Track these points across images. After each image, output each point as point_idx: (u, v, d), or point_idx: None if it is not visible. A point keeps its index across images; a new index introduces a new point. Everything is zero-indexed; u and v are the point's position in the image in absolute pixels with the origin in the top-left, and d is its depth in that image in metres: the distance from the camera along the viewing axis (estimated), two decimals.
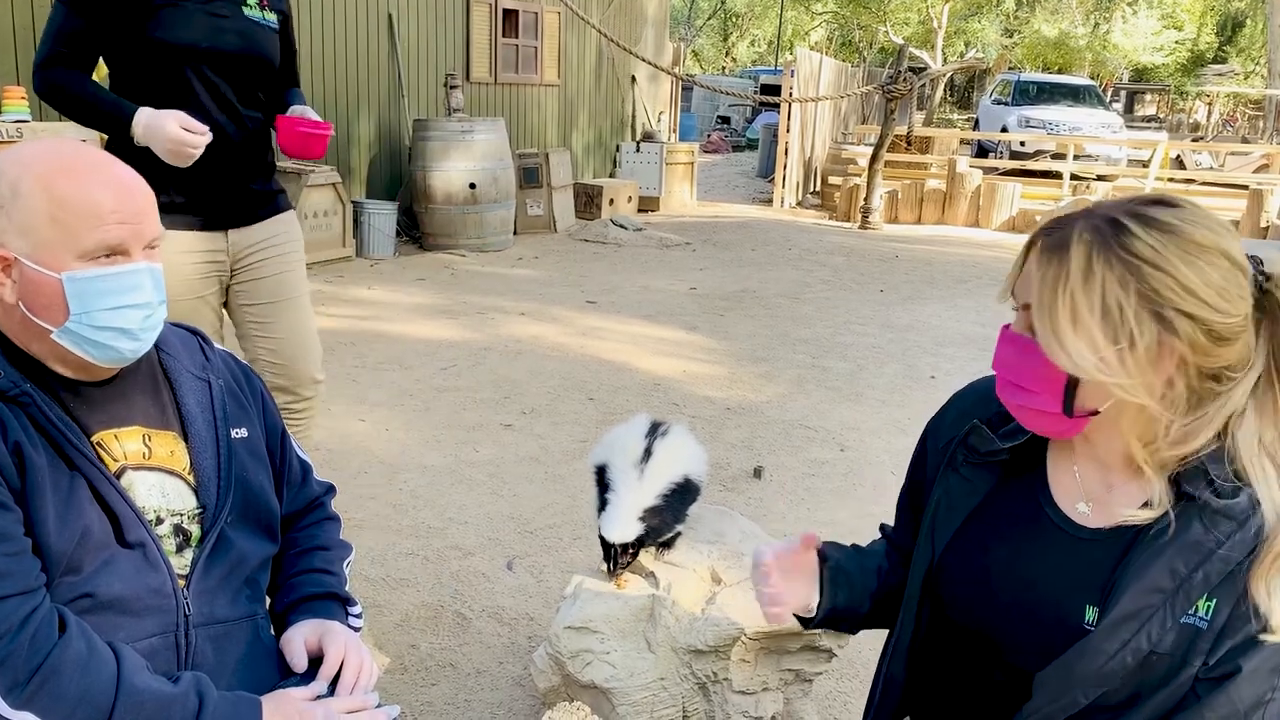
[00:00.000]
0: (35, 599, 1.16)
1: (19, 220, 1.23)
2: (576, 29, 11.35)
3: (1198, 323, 1.09)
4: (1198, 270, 1.09)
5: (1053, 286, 1.11)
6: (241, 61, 2.49)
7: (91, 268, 1.25)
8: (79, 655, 1.16)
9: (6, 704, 1.11)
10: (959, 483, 1.33)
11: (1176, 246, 1.09)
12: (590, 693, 1.99)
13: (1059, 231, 1.14)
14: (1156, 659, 1.12)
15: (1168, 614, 1.12)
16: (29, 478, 1.19)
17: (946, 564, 1.33)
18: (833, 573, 1.44)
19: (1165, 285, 1.08)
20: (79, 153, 1.30)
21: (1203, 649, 1.11)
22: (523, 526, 3.44)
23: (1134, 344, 1.09)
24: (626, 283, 7.74)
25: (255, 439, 1.49)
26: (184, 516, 1.35)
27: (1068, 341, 1.10)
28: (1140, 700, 1.15)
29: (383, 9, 8.85)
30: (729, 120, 25.54)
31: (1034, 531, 1.25)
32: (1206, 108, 31.75)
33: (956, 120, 29.07)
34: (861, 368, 5.56)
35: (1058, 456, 1.27)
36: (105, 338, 1.27)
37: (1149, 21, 27.92)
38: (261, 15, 2.53)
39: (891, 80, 10.68)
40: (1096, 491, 1.22)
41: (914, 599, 1.37)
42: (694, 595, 2.04)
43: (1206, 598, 1.11)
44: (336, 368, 5.16)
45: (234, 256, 2.60)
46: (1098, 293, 1.09)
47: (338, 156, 8.45)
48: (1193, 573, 1.11)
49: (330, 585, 1.53)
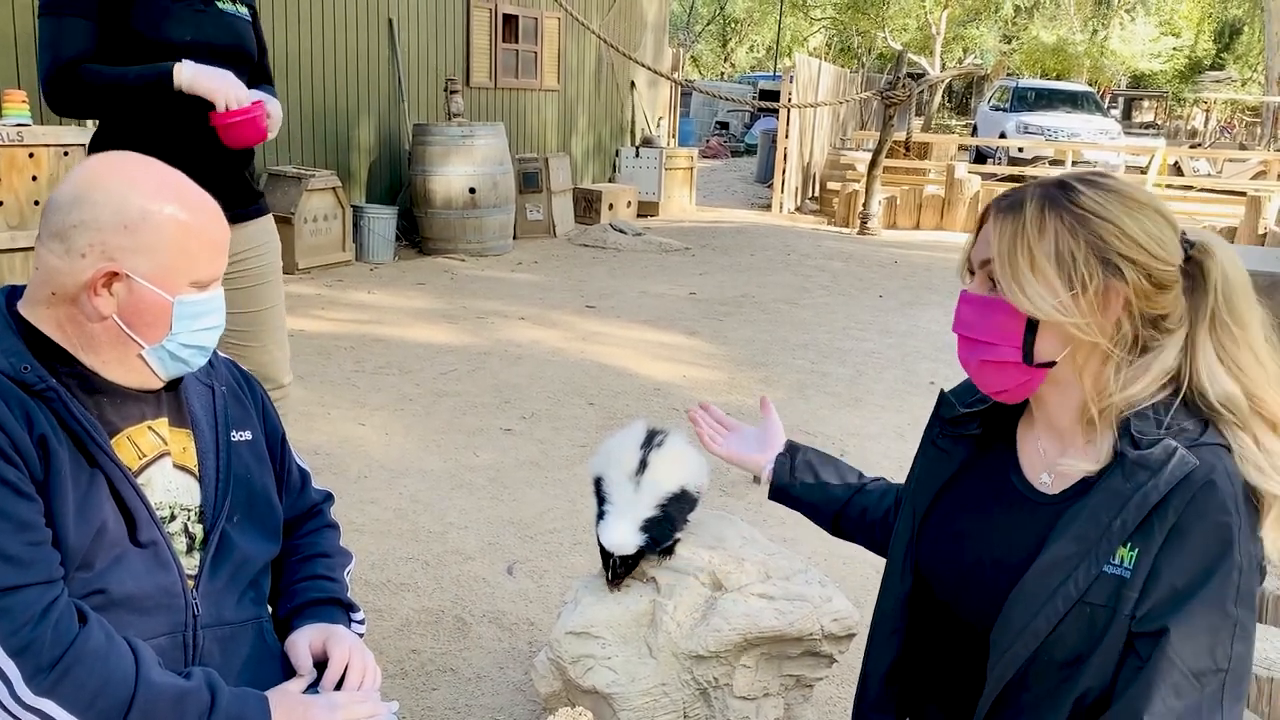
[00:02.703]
0: (56, 589, 1.18)
1: (145, 241, 1.28)
2: (576, 34, 11.36)
3: (1139, 268, 1.21)
4: (1138, 221, 1.21)
5: (1011, 239, 1.23)
6: (225, 54, 2.50)
7: (195, 293, 1.35)
8: (100, 646, 1.18)
9: (30, 690, 1.13)
10: (935, 455, 1.44)
11: (1118, 201, 1.22)
12: (591, 698, 1.99)
13: (1013, 196, 1.27)
14: (1091, 611, 1.19)
15: (1092, 562, 1.19)
16: (52, 470, 1.21)
17: (924, 535, 1.42)
18: (794, 461, 1.69)
19: (1110, 233, 1.21)
20: (189, 182, 1.38)
21: (1130, 598, 1.17)
22: (523, 531, 3.44)
23: (1085, 287, 1.20)
24: (626, 287, 7.75)
25: (258, 442, 1.52)
26: (191, 513, 1.38)
27: (1028, 286, 1.21)
28: (1085, 658, 1.20)
29: (383, 13, 8.86)
30: (728, 126, 25.58)
31: (1001, 502, 1.34)
32: (1204, 114, 31.85)
33: (954, 126, 29.14)
34: (861, 373, 5.57)
35: (1025, 433, 1.36)
36: (187, 355, 1.36)
37: (1147, 28, 28.01)
38: (235, 9, 2.55)
39: (890, 86, 10.71)
40: (1054, 462, 1.30)
41: (895, 570, 1.45)
42: (695, 600, 2.04)
43: (1129, 547, 1.18)
44: (335, 372, 5.16)
45: None
46: (1051, 241, 1.21)
47: (338, 160, 8.46)
48: (1112, 521, 1.19)
49: (333, 591, 1.55)
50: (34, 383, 1.23)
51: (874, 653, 1.49)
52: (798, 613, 2.02)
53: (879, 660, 1.47)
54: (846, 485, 1.68)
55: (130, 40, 2.39)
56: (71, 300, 1.28)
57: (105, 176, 1.30)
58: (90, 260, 1.26)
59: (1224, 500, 1.14)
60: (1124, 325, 1.22)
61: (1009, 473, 1.35)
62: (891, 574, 1.47)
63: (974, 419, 1.40)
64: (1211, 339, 1.23)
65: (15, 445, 1.18)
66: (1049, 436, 1.32)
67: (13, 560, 1.15)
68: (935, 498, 1.42)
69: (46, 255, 1.28)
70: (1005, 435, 1.38)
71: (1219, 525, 1.14)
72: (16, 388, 1.22)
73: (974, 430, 1.40)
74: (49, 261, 1.28)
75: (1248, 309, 1.25)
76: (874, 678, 1.48)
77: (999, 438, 1.39)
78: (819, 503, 1.68)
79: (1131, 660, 1.17)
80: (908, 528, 1.44)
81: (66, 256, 1.27)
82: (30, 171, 4.78)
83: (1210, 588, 1.14)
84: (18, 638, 1.13)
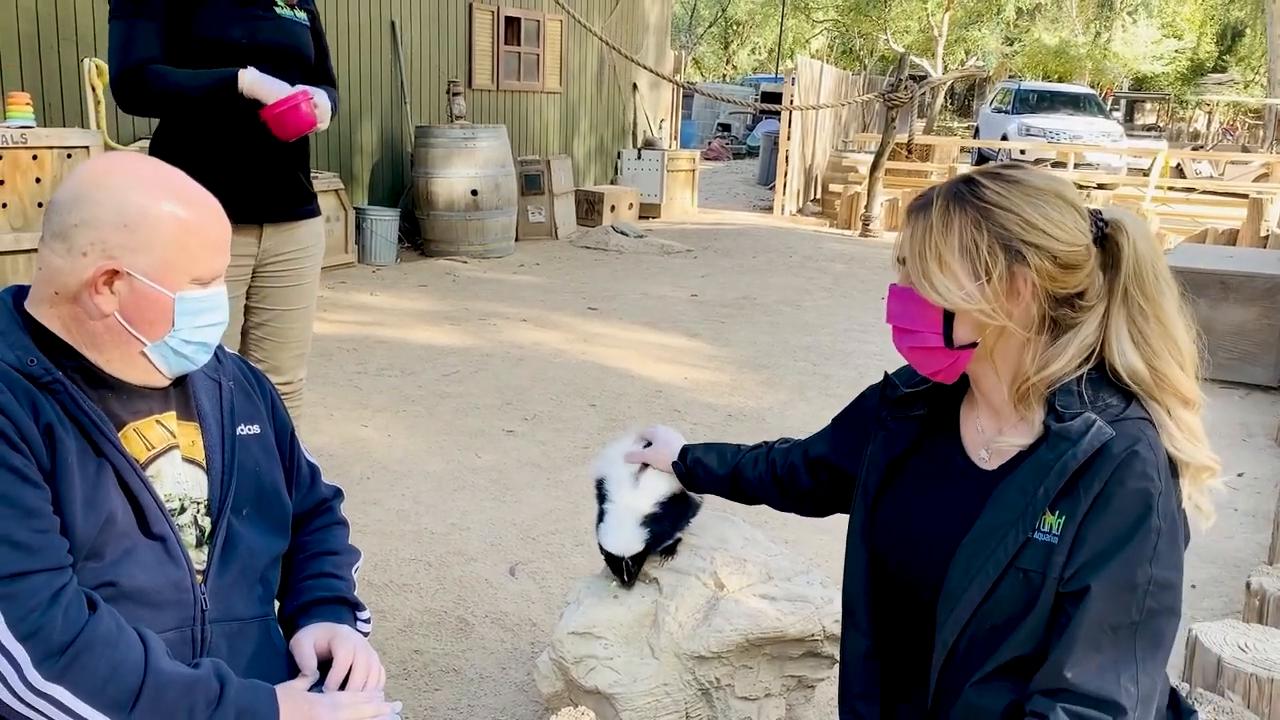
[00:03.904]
0: (64, 576, 1.19)
1: (145, 239, 1.29)
2: (578, 36, 11.38)
3: (1042, 251, 1.28)
4: (1038, 208, 1.29)
5: (921, 237, 1.33)
6: (282, 56, 2.60)
7: (197, 289, 1.35)
8: (110, 633, 1.19)
9: (40, 675, 1.13)
10: (884, 436, 1.52)
11: (1019, 191, 1.30)
12: (593, 698, 1.99)
13: (924, 197, 1.36)
14: (1024, 576, 1.26)
15: (1021, 529, 1.27)
16: (58, 459, 1.22)
17: (875, 513, 1.50)
18: (690, 464, 1.88)
19: (1012, 222, 1.28)
20: (189, 180, 1.38)
21: (1058, 563, 1.25)
22: (525, 532, 3.45)
23: (990, 275, 1.28)
24: (628, 289, 7.75)
25: (267, 436, 1.53)
26: (201, 506, 1.39)
27: (936, 280, 1.31)
28: (1019, 621, 1.27)
29: (385, 16, 8.88)
30: (729, 128, 25.58)
31: (945, 478, 1.43)
32: (1206, 116, 31.82)
33: (956, 128, 29.12)
34: (864, 375, 5.57)
35: (967, 413, 1.45)
36: (189, 351, 1.37)
37: (1149, 30, 27.97)
38: (292, 13, 2.66)
39: (892, 88, 10.71)
40: (992, 439, 1.39)
41: (853, 549, 1.53)
42: (696, 601, 2.05)
43: (1058, 515, 1.25)
44: (338, 373, 5.17)
45: (260, 260, 2.68)
46: (956, 236, 1.30)
47: (340, 163, 8.47)
48: (1036, 489, 1.26)
49: (339, 590, 1.55)
50: (40, 375, 1.24)
51: (849, 637, 1.54)
52: (799, 614, 2.03)
53: (855, 643, 1.52)
54: (724, 463, 1.86)
55: (190, 41, 2.49)
56: (74, 299, 1.29)
57: (105, 176, 1.31)
58: (91, 259, 1.27)
59: (1145, 469, 1.22)
60: (1032, 309, 1.30)
61: (953, 452, 1.43)
62: (851, 554, 1.54)
63: (918, 400, 1.49)
64: (1123, 313, 1.30)
65: (21, 433, 1.19)
66: (987, 415, 1.41)
67: (20, 546, 1.15)
68: (886, 477, 1.50)
69: (49, 255, 1.29)
70: (950, 416, 1.47)
71: (1139, 491, 1.22)
72: (23, 379, 1.23)
73: (919, 411, 1.48)
74: (51, 261, 1.29)
75: (1157, 285, 1.31)
76: (853, 663, 1.53)
77: (944, 419, 1.47)
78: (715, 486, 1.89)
79: (1060, 620, 1.25)
80: (861, 507, 1.52)
81: (68, 256, 1.28)
82: (34, 173, 4.79)
83: (1129, 549, 1.22)
84: (26, 623, 1.13)
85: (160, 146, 2.60)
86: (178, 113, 2.57)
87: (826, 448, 1.72)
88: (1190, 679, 2.08)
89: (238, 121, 2.52)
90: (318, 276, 2.87)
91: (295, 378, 2.88)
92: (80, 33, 6.40)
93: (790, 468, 1.77)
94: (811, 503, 1.77)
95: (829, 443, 1.72)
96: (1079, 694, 1.21)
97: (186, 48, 2.49)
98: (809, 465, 1.74)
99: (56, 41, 6.27)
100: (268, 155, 2.60)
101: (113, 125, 5.99)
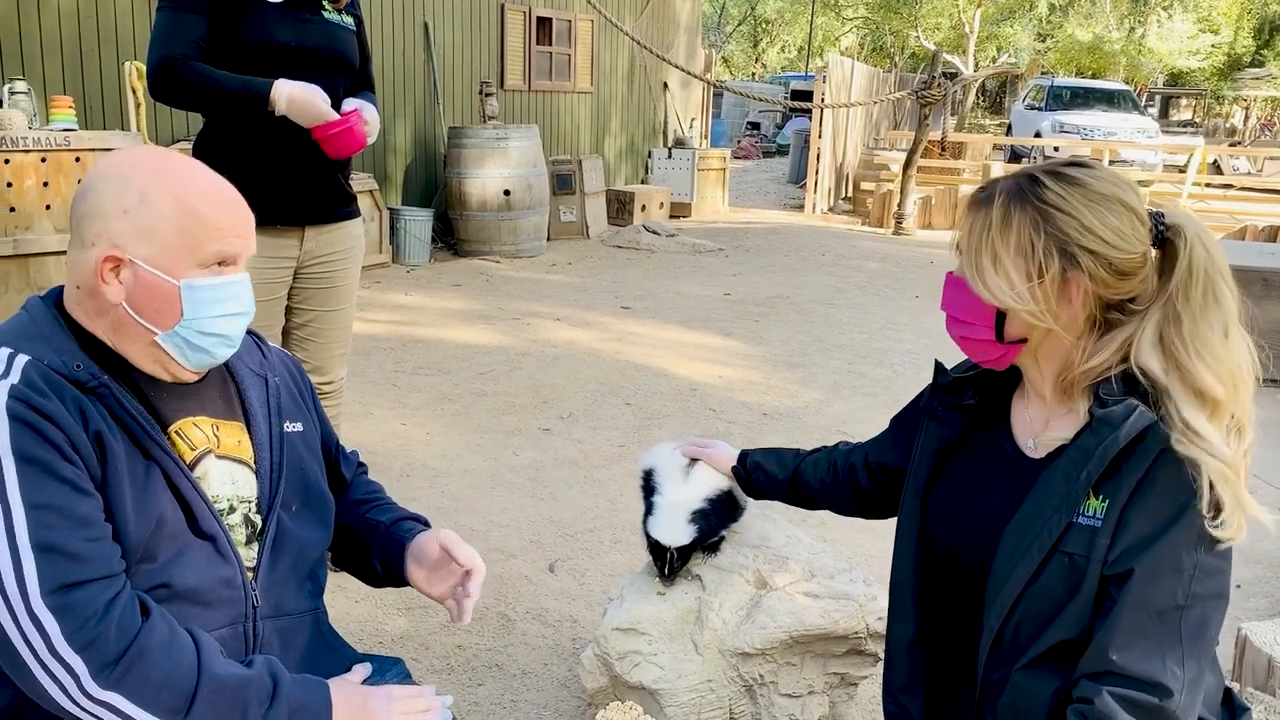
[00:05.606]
0: (118, 583, 1.19)
1: (144, 225, 1.28)
2: (609, 36, 11.40)
3: (1098, 258, 1.28)
4: (1098, 214, 1.29)
5: (978, 233, 1.34)
6: (326, 60, 2.64)
7: (206, 276, 1.32)
8: (163, 639, 1.20)
9: (96, 685, 1.14)
10: (935, 426, 1.53)
11: (1081, 195, 1.29)
12: (638, 694, 2.00)
13: (987, 190, 1.37)
14: (1069, 560, 1.27)
15: (1064, 512, 1.28)
16: (109, 466, 1.23)
17: (927, 501, 1.51)
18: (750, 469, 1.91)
19: (1071, 226, 1.28)
20: (195, 166, 1.37)
21: (1102, 545, 1.25)
22: (563, 530, 3.46)
23: (1043, 277, 1.29)
24: (660, 288, 7.76)
25: (310, 433, 1.55)
26: (251, 505, 1.40)
27: (988, 277, 1.32)
28: (1065, 604, 1.28)
29: (419, 17, 8.94)
30: (759, 126, 25.53)
31: (995, 467, 1.44)
32: (1244, 112, 31.38)
33: (989, 125, 28.90)
34: (899, 374, 5.55)
35: (1017, 403, 1.46)
36: (207, 343, 1.34)
37: (1185, 25, 27.58)
38: (340, 18, 2.70)
39: (925, 85, 10.65)
40: (1040, 428, 1.40)
41: (903, 537, 1.54)
42: (740, 598, 2.05)
43: (1101, 499, 1.26)
44: (376, 373, 5.21)
45: (302, 262, 2.72)
46: (1014, 235, 1.30)
47: (374, 164, 8.54)
48: (1079, 473, 1.27)
49: (415, 513, 1.66)
50: (86, 380, 1.24)
51: (894, 626, 1.55)
52: (843, 611, 2.03)
53: (900, 631, 1.53)
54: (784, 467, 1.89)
55: (237, 44, 2.52)
56: (91, 292, 1.30)
57: (111, 167, 1.31)
58: (98, 249, 1.27)
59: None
60: (1081, 312, 1.32)
61: (1002, 440, 1.45)
62: (900, 541, 1.55)
63: (968, 388, 1.50)
64: (1157, 315, 1.30)
65: (73, 443, 1.19)
66: (1036, 405, 1.42)
67: (75, 557, 1.16)
68: (937, 466, 1.51)
69: (70, 250, 1.31)
70: (1000, 405, 1.48)
71: (1183, 475, 1.22)
72: (70, 385, 1.23)
73: (969, 400, 1.50)
74: (71, 255, 1.31)
75: (1204, 298, 1.29)
76: (897, 652, 1.53)
77: (995, 408, 1.49)
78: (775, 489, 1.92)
79: (1104, 603, 1.25)
80: (913, 497, 1.53)
81: (80, 248, 1.29)
82: (77, 175, 4.86)
83: (1173, 533, 1.22)
84: (83, 633, 1.14)
85: (202, 148, 2.63)
86: (211, 110, 2.59)
87: (884, 449, 1.75)
88: (1240, 678, 2.06)
89: (279, 124, 2.55)
90: (358, 277, 2.91)
91: (336, 377, 2.93)
92: (120, 36, 6.49)
93: (850, 469, 1.79)
94: (873, 504, 1.78)
95: (887, 444, 1.75)
96: (1125, 676, 1.21)
97: (233, 50, 2.51)
98: (868, 467, 1.76)
99: (97, 45, 6.36)
100: (309, 158, 2.63)
101: (152, 127, 6.07)
